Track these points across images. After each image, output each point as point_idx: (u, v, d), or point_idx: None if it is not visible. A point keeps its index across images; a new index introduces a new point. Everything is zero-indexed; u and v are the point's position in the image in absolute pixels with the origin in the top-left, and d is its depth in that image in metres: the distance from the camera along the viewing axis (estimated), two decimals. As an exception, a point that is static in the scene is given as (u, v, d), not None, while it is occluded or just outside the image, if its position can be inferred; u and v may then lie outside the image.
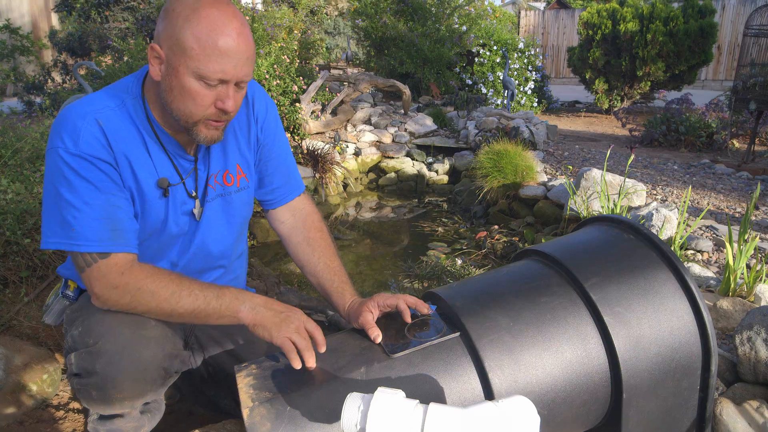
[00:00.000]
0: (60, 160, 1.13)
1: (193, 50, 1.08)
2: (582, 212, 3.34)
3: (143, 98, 1.22)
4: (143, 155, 1.22)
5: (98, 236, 1.14)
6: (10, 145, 2.54)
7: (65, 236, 1.14)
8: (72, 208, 1.13)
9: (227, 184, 1.36)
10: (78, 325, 1.24)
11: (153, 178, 1.23)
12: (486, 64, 8.26)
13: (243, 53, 1.12)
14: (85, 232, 1.13)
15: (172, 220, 1.28)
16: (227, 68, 1.10)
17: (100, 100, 1.20)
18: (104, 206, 1.15)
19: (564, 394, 1.10)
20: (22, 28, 9.39)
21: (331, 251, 1.44)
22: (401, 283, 3.37)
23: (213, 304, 1.16)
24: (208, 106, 1.14)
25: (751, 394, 1.56)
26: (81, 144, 1.13)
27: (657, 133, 6.36)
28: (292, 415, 1.00)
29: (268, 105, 1.43)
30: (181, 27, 1.09)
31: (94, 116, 1.16)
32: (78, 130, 1.13)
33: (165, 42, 1.12)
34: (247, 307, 1.17)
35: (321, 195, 5.14)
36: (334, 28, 14.50)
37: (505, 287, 1.23)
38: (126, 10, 8.46)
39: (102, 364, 1.16)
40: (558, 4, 18.90)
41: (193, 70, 1.10)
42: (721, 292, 2.16)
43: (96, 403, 1.20)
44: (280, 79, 5.38)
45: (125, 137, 1.19)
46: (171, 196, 1.26)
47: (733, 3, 13.51)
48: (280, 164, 1.46)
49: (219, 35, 1.08)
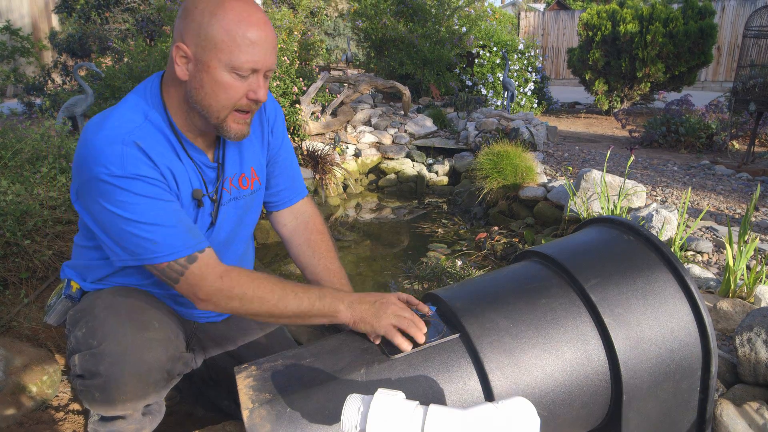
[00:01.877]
0: (109, 186, 1.10)
1: (224, 43, 1.10)
2: (582, 213, 3.34)
3: (164, 106, 1.21)
4: (179, 166, 1.22)
5: (183, 241, 1.13)
6: (10, 147, 2.54)
7: (149, 252, 1.12)
8: (143, 224, 1.11)
9: (243, 187, 1.36)
10: (81, 327, 1.24)
11: (188, 188, 1.24)
12: (486, 66, 8.27)
13: (271, 42, 1.14)
14: (168, 241, 1.12)
15: (199, 228, 1.29)
16: (258, 57, 1.12)
17: (127, 118, 1.16)
18: (170, 212, 1.15)
19: (564, 395, 1.10)
20: (22, 30, 9.40)
21: (332, 254, 1.45)
22: (401, 284, 3.37)
23: (317, 306, 1.17)
24: (240, 97, 1.15)
25: (751, 396, 1.56)
26: (127, 166, 1.11)
27: (657, 134, 6.36)
28: (292, 417, 1.00)
29: (277, 108, 1.45)
30: (208, 22, 1.10)
31: (131, 138, 1.13)
32: (119, 155, 1.11)
33: (191, 39, 1.12)
34: (345, 305, 1.17)
35: (321, 196, 5.14)
36: (334, 30, 14.51)
37: (505, 289, 1.23)
38: (126, 12, 8.46)
39: (105, 365, 1.16)
40: (558, 5, 18.92)
41: (225, 63, 1.11)
42: (721, 293, 2.16)
43: (98, 405, 1.20)
44: (280, 80, 5.38)
45: (162, 152, 1.18)
46: (204, 205, 1.28)
47: (732, 4, 13.52)
48: (286, 167, 1.48)
49: (248, 26, 1.10)
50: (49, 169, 2.52)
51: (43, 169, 2.48)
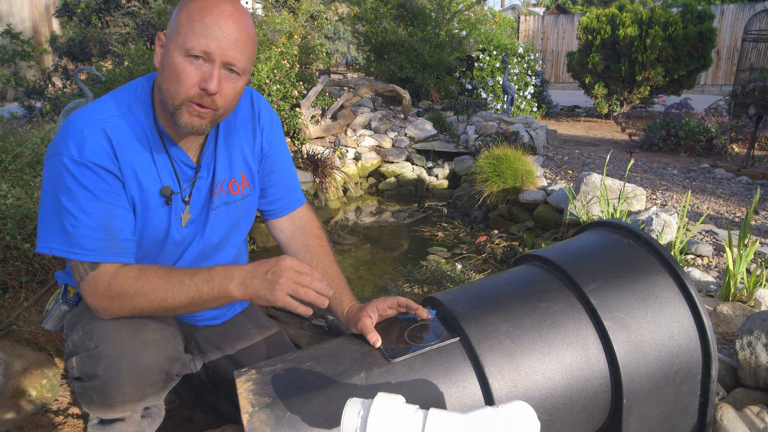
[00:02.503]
0: (62, 167, 1.13)
1: (182, 27, 1.12)
2: (582, 217, 3.34)
3: (152, 103, 1.23)
4: (149, 164, 1.23)
5: (94, 246, 1.15)
6: (11, 150, 2.54)
7: (64, 243, 1.15)
8: (70, 216, 1.14)
9: (233, 192, 1.37)
10: (78, 330, 1.24)
11: (157, 186, 1.24)
12: (486, 69, 8.28)
13: (231, 34, 1.12)
14: (81, 240, 1.14)
15: (174, 228, 1.29)
16: (210, 42, 1.11)
17: (108, 107, 1.20)
18: (102, 216, 1.16)
19: (564, 399, 1.10)
20: (23, 33, 9.42)
21: (330, 258, 1.45)
22: (401, 287, 3.36)
23: (206, 290, 1.15)
24: (192, 85, 1.13)
25: (751, 399, 1.56)
26: (86, 152, 1.13)
27: (656, 137, 6.37)
28: (292, 421, 1.00)
29: (273, 118, 1.45)
30: (178, 12, 1.14)
31: (101, 125, 1.16)
32: (84, 137, 1.14)
33: (168, 30, 1.17)
34: (235, 283, 1.14)
35: (321, 199, 5.14)
36: (334, 33, 14.54)
37: (505, 292, 1.23)
38: (127, 15, 8.48)
39: (103, 367, 1.16)
40: (557, 9, 18.97)
41: (180, 46, 1.12)
42: (721, 296, 2.16)
43: (97, 407, 1.19)
44: (280, 83, 5.39)
45: (132, 147, 1.19)
46: (173, 203, 1.27)
47: (731, 8, 13.56)
48: (283, 176, 1.48)
49: (207, 12, 1.11)
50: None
51: (44, 173, 2.48)
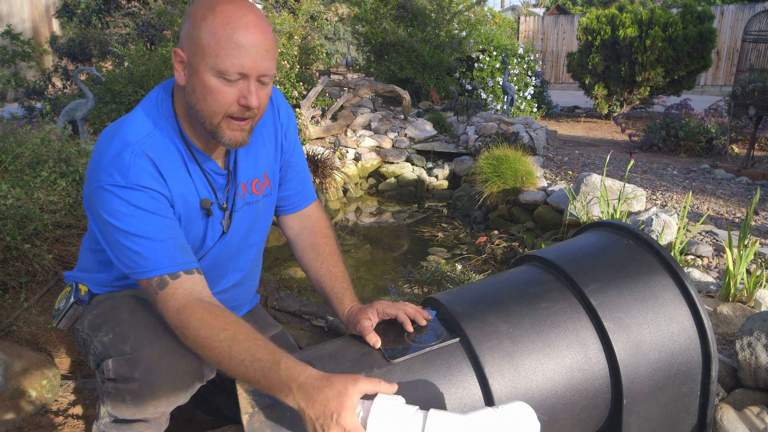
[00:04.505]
0: (111, 195, 1.11)
1: (210, 47, 1.08)
2: (582, 217, 3.34)
3: (175, 114, 1.21)
4: (186, 178, 1.22)
5: (170, 257, 1.13)
6: (11, 150, 2.54)
7: (136, 265, 1.13)
8: (135, 236, 1.12)
9: (255, 192, 1.36)
10: (107, 331, 1.24)
11: (196, 199, 1.24)
12: (486, 70, 8.29)
13: (261, 45, 1.10)
14: (155, 256, 1.12)
15: (210, 237, 1.29)
16: (245, 62, 1.08)
17: (140, 126, 1.18)
18: (165, 229, 1.15)
19: (564, 399, 1.10)
20: (23, 34, 9.42)
21: (335, 257, 1.44)
22: (401, 288, 3.36)
23: (262, 384, 1.02)
24: (231, 103, 1.12)
25: (751, 400, 1.56)
26: (131, 177, 1.12)
27: (656, 138, 6.37)
28: (292, 422, 1.00)
29: (290, 113, 1.44)
30: (198, 26, 1.09)
31: (141, 149, 1.14)
32: (127, 164, 1.12)
33: (186, 44, 1.12)
34: (291, 397, 0.97)
35: (321, 200, 5.15)
36: (334, 34, 14.54)
37: (504, 293, 1.23)
38: (127, 16, 8.48)
39: (141, 371, 1.17)
40: (557, 9, 18.98)
41: (212, 67, 1.09)
42: (721, 297, 2.16)
43: (127, 407, 1.20)
44: (281, 84, 5.39)
45: (171, 164, 1.18)
46: (213, 214, 1.28)
47: (731, 9, 13.56)
48: (298, 172, 1.48)
49: (234, 29, 1.08)
50: (50, 173, 2.52)
51: (44, 173, 2.48)
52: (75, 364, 2.01)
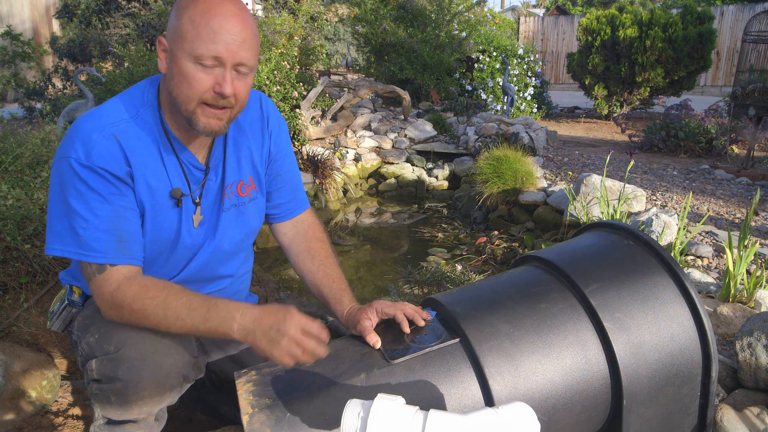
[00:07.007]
0: (70, 170, 1.14)
1: (188, 33, 1.11)
2: (582, 218, 3.34)
3: (159, 104, 1.23)
4: (158, 166, 1.23)
5: (104, 248, 1.15)
6: (11, 151, 2.54)
7: (74, 245, 1.15)
8: (80, 217, 1.14)
9: (241, 194, 1.37)
10: (94, 332, 1.24)
11: (167, 188, 1.24)
12: (486, 70, 8.29)
13: (238, 34, 1.12)
14: (91, 243, 1.15)
15: (185, 230, 1.29)
16: (220, 47, 1.10)
17: (117, 111, 1.20)
18: (111, 217, 1.16)
19: (564, 400, 1.10)
20: (23, 35, 9.43)
21: (331, 260, 1.45)
22: (401, 288, 3.36)
23: (201, 328, 1.13)
24: (206, 90, 1.13)
25: (751, 401, 1.56)
26: (93, 156, 1.14)
27: (656, 138, 6.37)
28: (292, 422, 1.00)
29: (281, 122, 1.46)
30: (180, 15, 1.13)
31: (111, 130, 1.17)
32: (93, 142, 1.14)
33: (169, 32, 1.16)
34: (236, 327, 1.10)
35: (321, 201, 5.14)
36: (334, 35, 14.55)
37: (504, 293, 1.23)
38: (127, 17, 8.48)
39: (124, 370, 1.16)
40: (557, 10, 18.99)
41: (188, 53, 1.11)
42: (721, 297, 2.16)
43: (114, 408, 1.20)
44: (281, 85, 5.39)
45: (141, 151, 1.20)
46: (183, 206, 1.28)
47: (731, 9, 13.56)
48: (289, 180, 1.49)
49: (213, 16, 1.10)
50: (50, 173, 2.52)
51: (44, 174, 2.48)
52: (74, 364, 2.01)
